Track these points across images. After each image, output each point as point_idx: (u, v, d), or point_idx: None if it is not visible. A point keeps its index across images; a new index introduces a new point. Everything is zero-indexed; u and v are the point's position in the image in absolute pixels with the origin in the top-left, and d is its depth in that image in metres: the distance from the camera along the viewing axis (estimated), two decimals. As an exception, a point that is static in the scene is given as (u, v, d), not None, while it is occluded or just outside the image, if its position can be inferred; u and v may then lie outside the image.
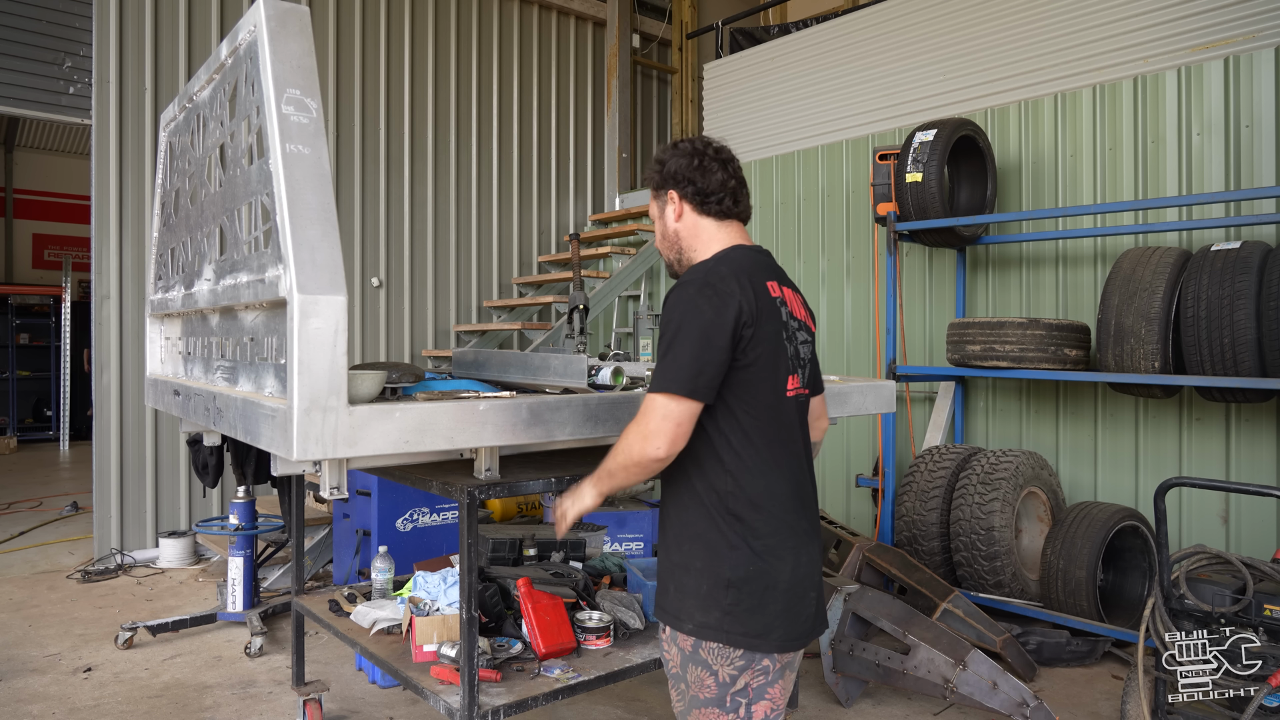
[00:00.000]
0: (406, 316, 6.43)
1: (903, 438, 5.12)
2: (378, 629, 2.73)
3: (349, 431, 1.72)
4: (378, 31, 6.31)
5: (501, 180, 6.99)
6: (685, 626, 1.69)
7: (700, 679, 1.68)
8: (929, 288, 5.14)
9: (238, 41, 2.08)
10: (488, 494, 2.07)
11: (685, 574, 1.71)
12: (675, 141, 1.84)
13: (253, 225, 2.09)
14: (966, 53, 5.14)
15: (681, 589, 1.71)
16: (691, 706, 1.70)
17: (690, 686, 1.70)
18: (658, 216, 1.87)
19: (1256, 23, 4.01)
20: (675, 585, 1.73)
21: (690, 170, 1.78)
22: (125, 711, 3.24)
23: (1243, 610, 2.37)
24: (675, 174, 1.79)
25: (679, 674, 1.72)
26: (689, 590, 1.69)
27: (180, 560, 5.20)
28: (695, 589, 1.68)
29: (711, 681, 1.67)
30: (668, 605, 1.75)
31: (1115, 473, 4.32)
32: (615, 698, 3.36)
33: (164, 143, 3.13)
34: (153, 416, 5.31)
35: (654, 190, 1.86)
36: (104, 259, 5.17)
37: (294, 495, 3.39)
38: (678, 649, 1.72)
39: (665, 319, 1.65)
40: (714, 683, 1.67)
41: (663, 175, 1.82)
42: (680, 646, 1.71)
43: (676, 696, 1.75)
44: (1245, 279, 3.34)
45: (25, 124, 11.03)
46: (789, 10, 8.52)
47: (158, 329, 3.17)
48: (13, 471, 8.75)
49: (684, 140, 1.83)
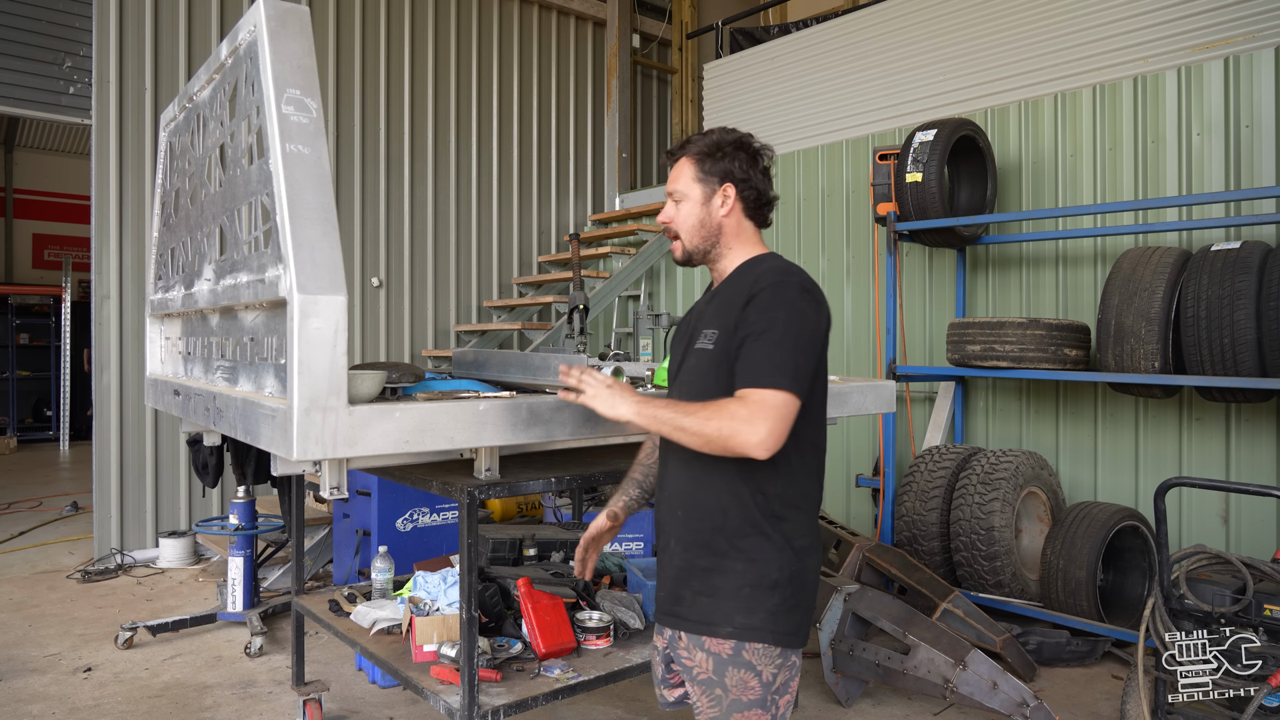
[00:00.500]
0: (406, 316, 6.43)
1: (903, 438, 5.12)
2: (378, 629, 2.73)
3: (349, 431, 1.72)
4: (378, 31, 6.31)
5: (501, 180, 6.99)
6: (722, 630, 1.65)
7: (744, 681, 1.65)
8: (929, 288, 5.14)
9: (238, 41, 2.08)
10: (488, 494, 2.07)
11: (719, 576, 1.67)
12: (735, 134, 1.78)
13: (253, 225, 2.09)
14: (966, 53, 5.14)
15: (713, 592, 1.67)
16: (732, 711, 1.65)
17: (731, 690, 1.65)
18: (700, 201, 1.76)
19: (1256, 23, 4.01)
20: (701, 589, 1.69)
21: (754, 172, 1.78)
22: (125, 711, 3.24)
23: (1243, 610, 2.37)
24: (736, 171, 1.76)
25: (712, 679, 1.67)
26: (725, 592, 1.66)
27: (180, 560, 5.20)
28: (734, 591, 1.66)
29: (756, 683, 1.65)
30: (691, 612, 1.69)
31: (1115, 473, 4.32)
32: (615, 698, 3.36)
33: (164, 143, 3.13)
34: (153, 416, 5.32)
35: (702, 173, 1.76)
36: (104, 259, 5.17)
37: (294, 495, 3.39)
38: (707, 654, 1.67)
39: (768, 313, 1.61)
40: (758, 684, 1.65)
41: (722, 166, 1.76)
42: (713, 651, 1.66)
43: (710, 703, 1.68)
44: (1245, 279, 3.34)
45: (25, 124, 11.03)
46: (789, 10, 8.52)
47: (158, 329, 3.17)
48: (13, 471, 8.75)
49: (744, 135, 1.78)
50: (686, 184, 1.77)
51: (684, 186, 1.77)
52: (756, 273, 1.71)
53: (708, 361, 1.70)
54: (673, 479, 1.77)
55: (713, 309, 1.76)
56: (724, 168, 1.76)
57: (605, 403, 1.70)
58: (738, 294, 1.69)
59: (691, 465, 1.71)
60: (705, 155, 1.76)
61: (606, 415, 1.70)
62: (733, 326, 1.66)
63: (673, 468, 1.78)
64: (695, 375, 1.73)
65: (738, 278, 1.76)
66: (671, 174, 1.80)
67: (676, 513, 1.74)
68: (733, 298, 1.70)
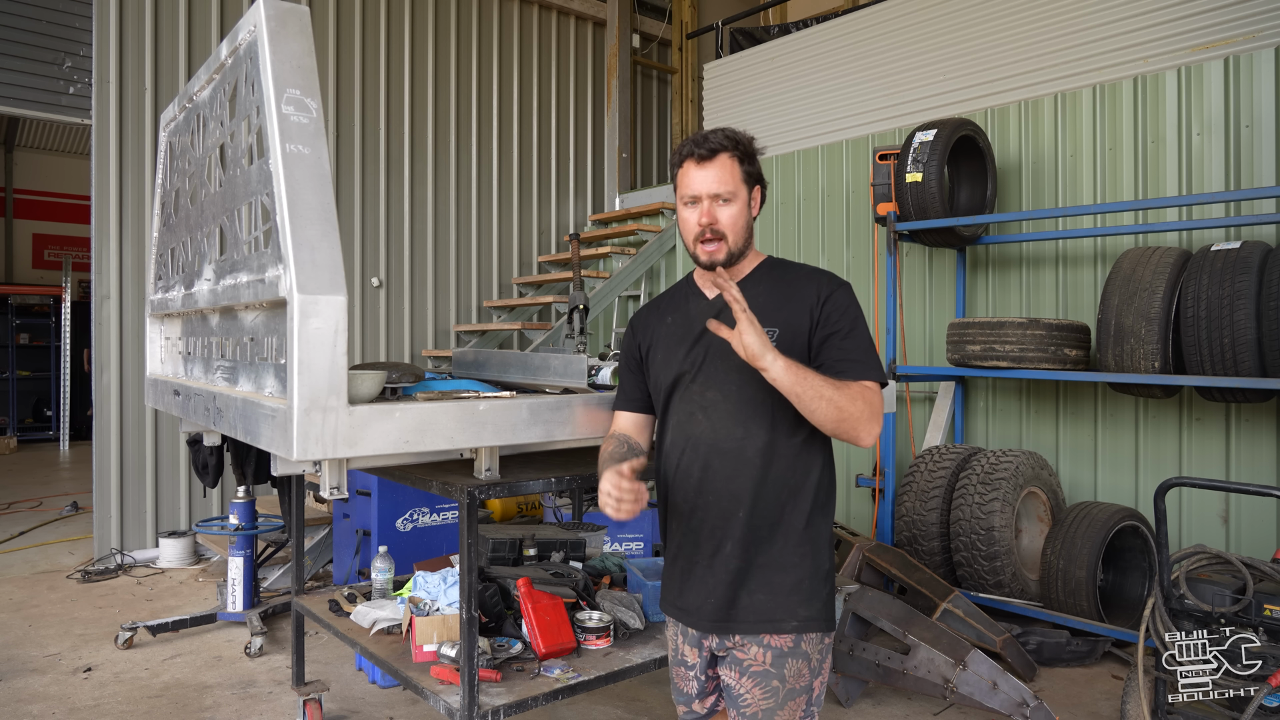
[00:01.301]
0: (406, 316, 6.43)
1: (903, 438, 5.12)
2: (378, 629, 2.73)
3: (349, 431, 1.72)
4: (378, 31, 6.31)
5: (501, 180, 6.99)
6: (787, 625, 1.69)
7: (799, 670, 1.70)
8: (929, 288, 5.14)
9: (238, 41, 2.08)
10: (488, 494, 2.07)
11: (779, 573, 1.70)
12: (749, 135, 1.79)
13: (253, 225, 2.09)
14: (966, 53, 5.14)
15: (772, 588, 1.70)
16: (787, 699, 1.69)
17: (789, 680, 1.69)
18: (745, 202, 1.76)
19: (1256, 23, 4.01)
20: (759, 587, 1.70)
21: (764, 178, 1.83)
22: (125, 711, 3.24)
23: (1243, 610, 2.37)
24: (763, 174, 1.82)
25: (770, 671, 1.69)
26: (785, 587, 1.70)
27: (180, 560, 5.20)
28: (794, 585, 1.70)
29: (807, 670, 1.71)
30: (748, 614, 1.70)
31: (1115, 473, 4.32)
32: (615, 698, 3.36)
33: (164, 143, 3.13)
34: (153, 416, 5.32)
35: (745, 174, 1.75)
36: (104, 259, 5.17)
37: (294, 495, 3.39)
38: (764, 648, 1.70)
39: (848, 312, 1.71)
40: (808, 670, 1.71)
41: (757, 168, 1.79)
42: (772, 645, 1.69)
43: (764, 694, 1.69)
44: (1245, 279, 3.34)
45: (25, 124, 11.03)
46: (789, 10, 8.52)
47: (158, 329, 3.18)
48: (13, 471, 8.75)
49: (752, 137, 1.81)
50: (736, 184, 1.73)
51: (734, 187, 1.72)
52: (802, 273, 1.78)
53: None
54: (723, 480, 1.72)
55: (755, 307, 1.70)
56: (758, 170, 1.79)
57: (758, 346, 1.53)
58: (789, 295, 1.74)
59: (748, 466, 1.70)
60: (746, 156, 1.76)
61: (754, 358, 1.54)
62: (804, 328, 1.70)
63: (719, 469, 1.72)
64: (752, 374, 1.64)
65: (770, 275, 1.79)
66: (713, 172, 1.72)
67: (737, 514, 1.71)
68: (783, 298, 1.74)
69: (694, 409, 1.76)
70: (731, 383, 1.72)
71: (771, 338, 1.66)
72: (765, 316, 1.70)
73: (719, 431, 1.72)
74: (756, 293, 1.75)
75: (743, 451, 1.70)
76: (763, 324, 1.66)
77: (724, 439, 1.72)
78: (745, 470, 1.70)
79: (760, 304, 1.72)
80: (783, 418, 1.69)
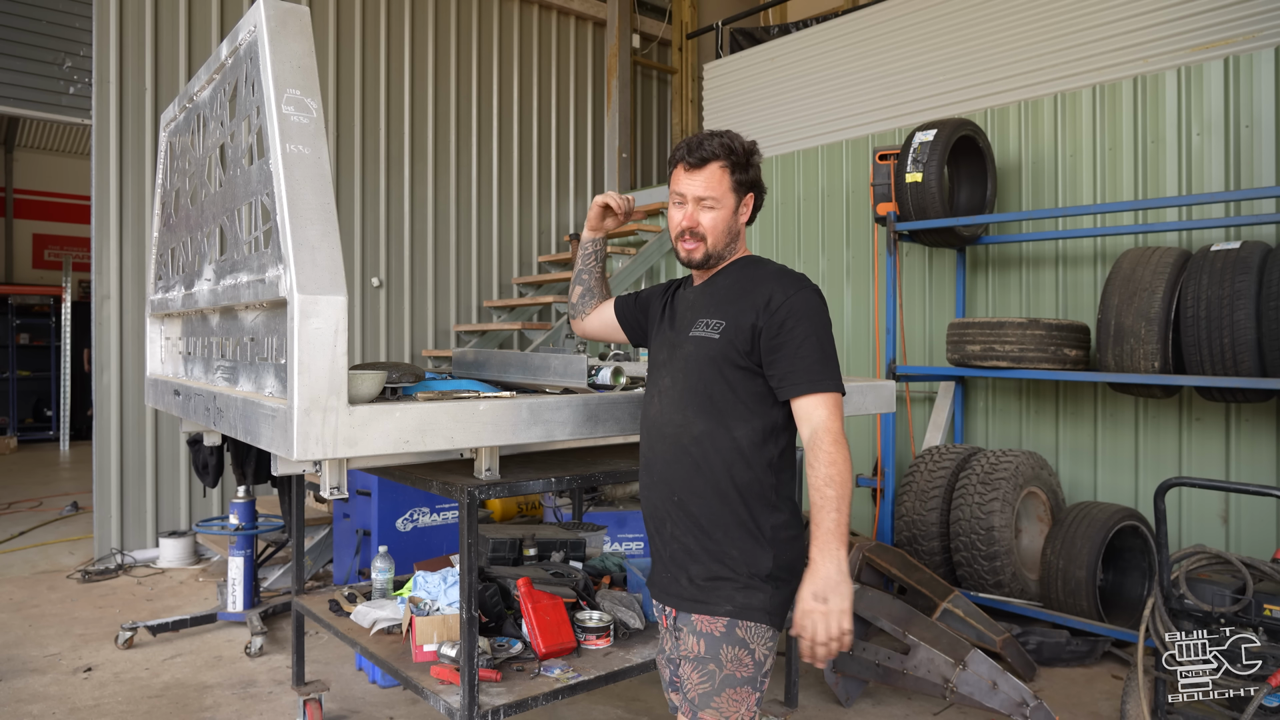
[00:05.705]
0: (406, 316, 6.43)
1: (903, 438, 5.12)
2: (378, 629, 2.73)
3: (349, 431, 1.72)
4: (378, 31, 6.31)
5: (501, 180, 6.99)
6: (721, 609, 1.71)
7: (738, 658, 1.70)
8: (929, 288, 5.14)
9: (238, 42, 2.08)
10: (488, 494, 2.07)
11: (715, 562, 1.73)
12: (751, 141, 1.82)
13: (253, 225, 2.09)
14: (966, 53, 5.15)
15: (709, 572, 1.73)
16: (725, 685, 1.70)
17: (726, 665, 1.70)
18: (731, 209, 1.80)
19: (1256, 23, 4.02)
20: (701, 571, 1.74)
21: (762, 184, 1.85)
22: (125, 711, 3.24)
23: (1243, 610, 2.37)
24: (759, 181, 1.84)
25: (705, 656, 1.72)
26: (720, 575, 1.72)
27: (180, 560, 5.20)
28: (731, 574, 1.72)
29: (750, 661, 1.71)
30: (689, 591, 1.75)
31: (1115, 473, 4.33)
32: (615, 698, 3.36)
33: (164, 143, 3.14)
34: (153, 416, 5.32)
35: (735, 182, 1.79)
36: (104, 259, 5.17)
37: (294, 495, 3.39)
38: (699, 636, 1.72)
39: (806, 317, 1.70)
40: (751, 661, 1.71)
41: (750, 177, 1.81)
42: (705, 631, 1.72)
43: (701, 678, 1.72)
44: (1245, 279, 3.34)
45: (25, 124, 11.03)
46: (789, 10, 8.53)
47: (158, 329, 3.18)
48: (13, 471, 8.75)
49: (753, 142, 1.83)
50: (723, 193, 1.79)
51: (720, 195, 1.79)
52: (766, 272, 1.79)
53: (712, 350, 1.74)
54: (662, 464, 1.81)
55: (709, 299, 1.81)
56: (751, 179, 1.82)
57: (843, 601, 1.59)
58: (746, 290, 1.76)
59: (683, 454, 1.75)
60: (738, 166, 1.79)
61: (845, 601, 1.60)
62: (746, 323, 1.72)
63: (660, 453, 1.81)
64: (694, 363, 1.77)
65: (739, 271, 1.82)
66: (701, 179, 1.78)
67: (672, 498, 1.78)
68: (739, 293, 1.76)
69: (653, 393, 1.87)
70: (679, 370, 1.80)
71: (715, 330, 1.74)
72: (718, 306, 1.78)
73: (664, 416, 1.81)
74: (723, 284, 1.83)
75: (679, 438, 1.77)
76: (713, 312, 1.76)
77: (665, 424, 1.80)
78: (681, 457, 1.76)
79: (720, 294, 1.80)
80: (731, 413, 1.73)
